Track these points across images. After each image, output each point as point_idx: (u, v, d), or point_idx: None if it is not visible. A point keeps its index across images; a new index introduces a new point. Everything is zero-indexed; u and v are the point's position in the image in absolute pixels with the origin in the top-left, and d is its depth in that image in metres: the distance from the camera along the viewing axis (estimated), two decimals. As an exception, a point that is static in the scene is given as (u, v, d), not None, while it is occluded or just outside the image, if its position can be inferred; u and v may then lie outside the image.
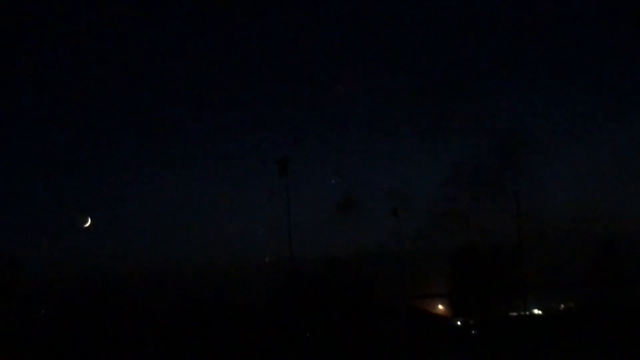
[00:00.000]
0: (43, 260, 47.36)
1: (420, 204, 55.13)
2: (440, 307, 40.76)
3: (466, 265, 40.67)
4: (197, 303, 37.86)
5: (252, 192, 67.19)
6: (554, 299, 38.76)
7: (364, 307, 34.79)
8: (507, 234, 43.00)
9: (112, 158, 63.93)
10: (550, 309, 38.52)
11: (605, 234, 43.11)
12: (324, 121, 65.88)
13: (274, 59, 63.05)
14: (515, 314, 37.52)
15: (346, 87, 49.73)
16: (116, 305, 36.43)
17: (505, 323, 34.42)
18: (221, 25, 60.64)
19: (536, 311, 38.80)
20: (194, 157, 60.98)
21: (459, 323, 36.62)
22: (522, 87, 61.63)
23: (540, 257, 43.62)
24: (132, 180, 63.51)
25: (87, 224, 44.64)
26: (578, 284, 40.11)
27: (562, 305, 38.91)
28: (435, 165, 65.11)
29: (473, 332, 33.26)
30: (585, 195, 53.09)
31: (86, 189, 65.29)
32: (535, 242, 44.35)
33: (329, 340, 30.05)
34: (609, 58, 56.58)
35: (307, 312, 34.39)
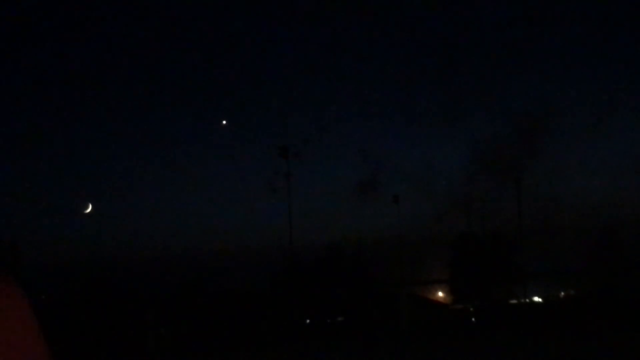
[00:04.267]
0: (43, 246, 47.49)
1: (429, 189, 55.20)
2: (440, 294, 40.77)
3: (466, 251, 40.62)
4: (199, 288, 37.92)
5: (258, 177, 67.21)
6: (554, 287, 38.68)
7: (363, 293, 34.79)
8: (510, 220, 42.95)
9: (114, 144, 63.92)
10: (551, 296, 38.46)
11: (607, 221, 43.00)
12: (344, 104, 65.81)
13: (294, 42, 62.62)
14: (515, 301, 37.48)
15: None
16: (117, 290, 36.53)
17: (505, 310, 34.35)
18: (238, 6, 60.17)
19: (536, 299, 38.76)
20: (200, 142, 61.02)
21: (458, 310, 36.60)
22: (541, 74, 61.09)
23: (542, 244, 43.53)
24: (133, 166, 63.47)
25: (89, 210, 44.67)
26: (579, 272, 40.02)
27: (563, 293, 38.85)
28: (442, 152, 65.07)
29: (472, 319, 33.18)
30: (591, 182, 52.93)
31: (87, 175, 65.34)
32: (537, 228, 44.25)
33: (327, 327, 30.07)
34: (632, 47, 55.96)
35: (306, 298, 34.41)
